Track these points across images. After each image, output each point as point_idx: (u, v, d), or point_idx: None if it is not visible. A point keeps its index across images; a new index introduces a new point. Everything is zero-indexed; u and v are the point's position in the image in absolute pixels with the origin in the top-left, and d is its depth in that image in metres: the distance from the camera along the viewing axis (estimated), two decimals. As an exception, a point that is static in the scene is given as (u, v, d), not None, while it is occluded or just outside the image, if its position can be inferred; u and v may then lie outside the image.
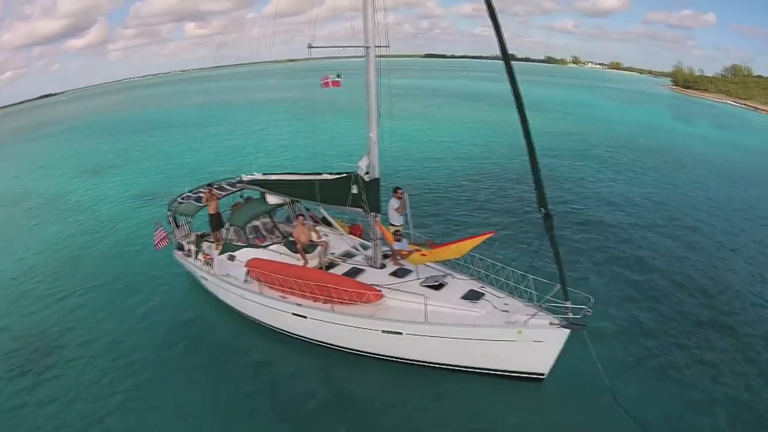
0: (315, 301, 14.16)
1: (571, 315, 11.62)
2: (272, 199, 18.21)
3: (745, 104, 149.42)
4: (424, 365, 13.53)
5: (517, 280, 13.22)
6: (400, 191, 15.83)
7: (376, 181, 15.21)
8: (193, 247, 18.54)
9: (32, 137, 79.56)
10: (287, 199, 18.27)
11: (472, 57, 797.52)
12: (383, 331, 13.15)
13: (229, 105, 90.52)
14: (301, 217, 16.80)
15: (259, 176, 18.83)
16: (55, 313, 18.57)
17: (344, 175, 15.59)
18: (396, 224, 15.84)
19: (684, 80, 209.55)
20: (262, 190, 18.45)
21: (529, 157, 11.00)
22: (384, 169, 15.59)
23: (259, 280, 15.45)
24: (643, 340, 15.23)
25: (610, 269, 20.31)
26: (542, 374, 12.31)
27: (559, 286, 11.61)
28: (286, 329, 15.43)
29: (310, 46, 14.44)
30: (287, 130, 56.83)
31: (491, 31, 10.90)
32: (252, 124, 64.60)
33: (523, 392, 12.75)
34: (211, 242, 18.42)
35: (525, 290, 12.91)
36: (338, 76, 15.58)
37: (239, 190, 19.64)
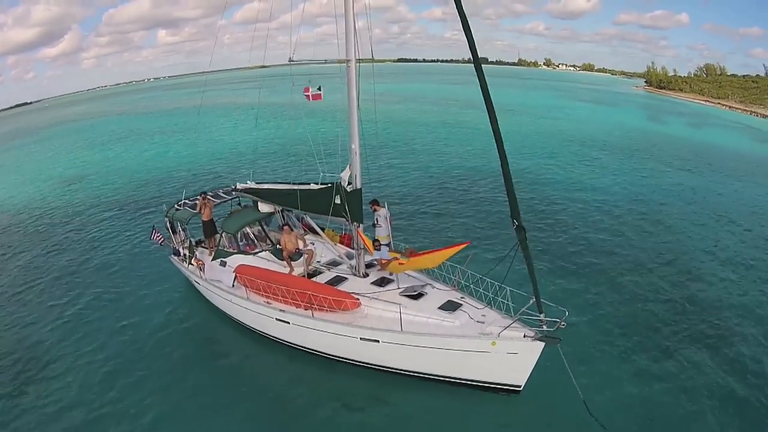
0: (297, 308, 14.40)
1: (545, 327, 11.73)
2: (264, 207, 18.69)
3: (719, 103, 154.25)
4: (401, 374, 13.66)
5: (496, 292, 13.28)
6: (376, 203, 16.28)
7: (358, 192, 15.58)
8: (187, 253, 18.89)
9: (23, 143, 78.49)
10: (278, 208, 18.70)
11: (443, 61, 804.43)
12: (361, 339, 13.35)
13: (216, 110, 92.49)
14: (287, 227, 17.21)
15: (252, 185, 19.32)
16: (55, 316, 19.05)
17: (328, 185, 15.89)
18: (382, 234, 16.08)
19: (658, 81, 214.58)
20: (254, 198, 18.96)
21: (502, 169, 11.29)
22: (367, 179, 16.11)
23: (246, 286, 15.90)
24: (616, 349, 15.52)
25: (585, 278, 20.63)
26: (518, 386, 12.44)
27: (533, 299, 11.82)
28: (270, 334, 15.81)
29: (290, 61, 15.04)
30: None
31: (462, 35, 11.39)
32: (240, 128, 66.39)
33: (499, 404, 12.90)
34: (205, 248, 18.91)
35: (502, 302, 12.98)
36: (319, 89, 16.05)
37: (234, 198, 20.14)
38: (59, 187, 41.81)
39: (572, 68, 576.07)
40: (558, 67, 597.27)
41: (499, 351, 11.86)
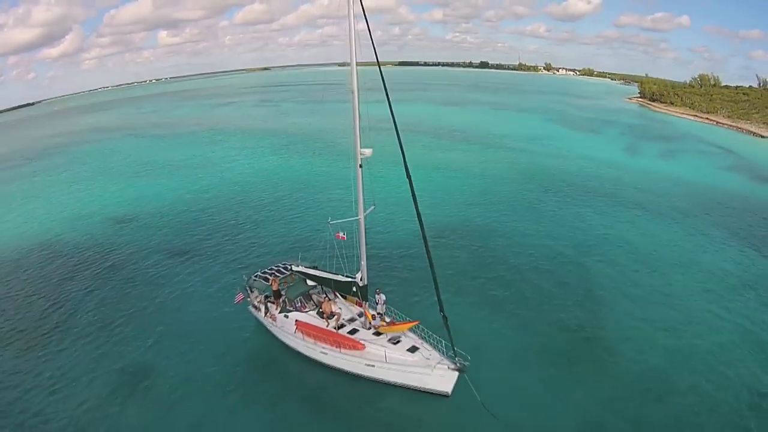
0: (332, 346, 24.74)
1: (459, 362, 21.72)
2: (310, 282, 29.15)
3: (707, 118, 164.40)
4: (387, 384, 23.66)
5: (438, 341, 23.58)
6: (378, 291, 26.75)
7: (365, 287, 27.06)
8: (262, 306, 29.19)
9: (47, 167, 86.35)
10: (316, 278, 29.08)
11: (444, 64, 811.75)
12: (365, 365, 23.78)
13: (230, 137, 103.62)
14: (326, 297, 28.35)
15: (302, 268, 29.33)
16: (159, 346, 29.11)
17: (351, 279, 26.51)
18: (378, 310, 26.43)
19: (651, 93, 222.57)
20: (304, 277, 29.23)
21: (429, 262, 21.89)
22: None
23: (303, 332, 26.23)
24: (503, 369, 25.42)
25: (491, 316, 30.85)
26: (448, 393, 22.39)
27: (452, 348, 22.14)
28: (317, 359, 26.07)
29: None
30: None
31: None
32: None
33: (438, 403, 22.81)
34: (272, 303, 28.84)
35: (440, 347, 23.29)
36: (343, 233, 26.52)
37: (290, 274, 29.90)
38: (110, 226, 50.79)
39: (572, 73, 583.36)
40: (558, 71, 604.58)
41: (436, 374, 21.93)
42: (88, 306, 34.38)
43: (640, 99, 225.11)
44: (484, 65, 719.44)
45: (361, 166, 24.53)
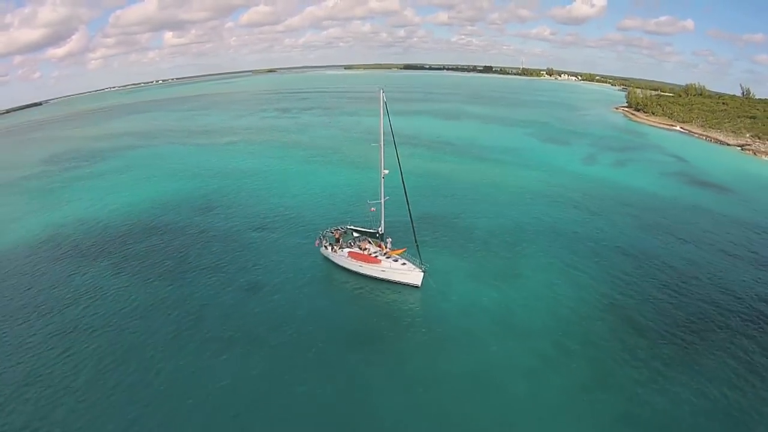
0: (366, 263, 48.92)
1: (423, 268, 46.29)
2: (355, 234, 53.31)
3: (682, 128, 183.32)
4: (389, 281, 47.64)
5: (414, 260, 47.60)
6: (387, 237, 50.89)
7: (383, 234, 51.87)
8: (329, 246, 52.71)
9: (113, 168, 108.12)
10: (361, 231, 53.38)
11: (449, 68, 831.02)
12: (380, 270, 48.07)
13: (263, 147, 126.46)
14: (364, 239, 52.47)
15: (351, 226, 54.06)
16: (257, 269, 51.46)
17: (375, 231, 51.42)
18: (387, 246, 50.69)
19: (636, 103, 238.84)
20: (352, 230, 53.65)
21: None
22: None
23: (351, 257, 50.09)
24: (455, 273, 48.79)
25: (443, 243, 54.29)
26: (418, 285, 46.58)
27: (420, 262, 46.50)
28: (357, 271, 49.93)
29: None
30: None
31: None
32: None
33: (412, 291, 46.66)
34: (339, 245, 52.54)
35: (416, 260, 47.31)
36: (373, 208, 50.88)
37: (345, 230, 54.30)
38: (199, 213, 73.92)
39: (573, 78, 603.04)
40: (560, 76, 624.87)
41: (412, 275, 46.46)
42: (212, 254, 58.14)
43: (625, 108, 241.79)
44: (488, 69, 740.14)
45: (383, 177, 49.44)
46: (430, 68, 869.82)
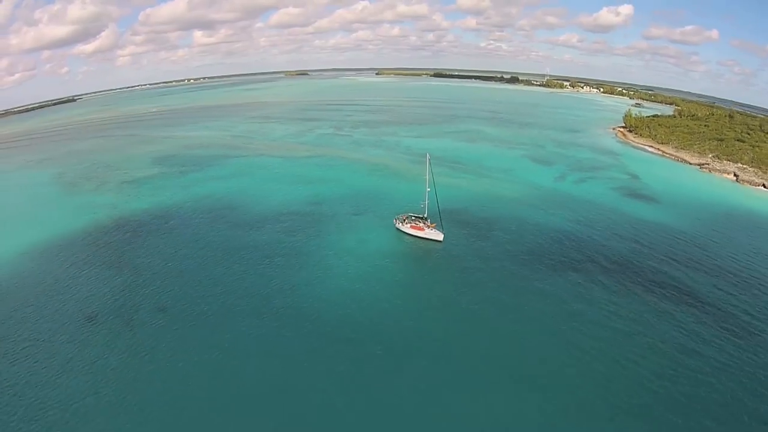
0: (417, 230, 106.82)
1: (443, 232, 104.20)
2: (412, 216, 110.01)
3: (658, 149, 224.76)
4: (429, 239, 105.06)
5: (440, 228, 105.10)
6: (425, 218, 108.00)
7: (427, 218, 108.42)
8: (400, 225, 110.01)
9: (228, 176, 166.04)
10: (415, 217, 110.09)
11: (478, 77, 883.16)
12: (425, 233, 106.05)
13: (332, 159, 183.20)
14: (417, 219, 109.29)
15: (410, 213, 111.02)
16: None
17: (423, 215, 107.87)
18: (428, 223, 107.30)
19: (630, 124, 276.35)
20: (411, 215, 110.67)
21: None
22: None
23: (411, 227, 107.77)
24: (472, 245, 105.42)
25: (457, 224, 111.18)
26: (441, 240, 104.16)
27: (442, 230, 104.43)
28: (411, 233, 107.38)
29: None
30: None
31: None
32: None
33: (438, 246, 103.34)
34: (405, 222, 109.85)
35: (441, 229, 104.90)
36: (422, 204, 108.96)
37: (408, 214, 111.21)
38: (308, 205, 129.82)
39: (595, 90, 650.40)
40: (582, 88, 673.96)
41: (439, 235, 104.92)
42: (335, 227, 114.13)
43: (621, 129, 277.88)
44: (514, 80, 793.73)
45: (428, 189, 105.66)
46: (459, 76, 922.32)
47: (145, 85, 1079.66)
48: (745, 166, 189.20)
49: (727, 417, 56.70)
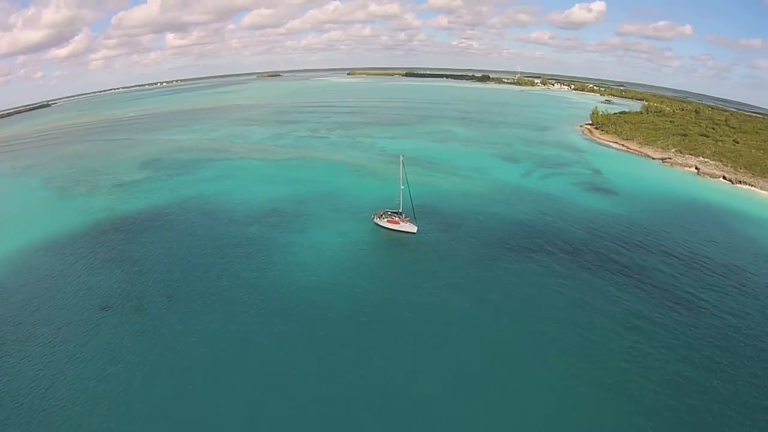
0: (391, 224, 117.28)
1: (417, 225, 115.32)
2: (389, 212, 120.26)
3: (623, 144, 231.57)
4: (404, 231, 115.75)
5: (414, 221, 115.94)
6: (401, 213, 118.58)
7: (402, 212, 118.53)
8: (377, 220, 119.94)
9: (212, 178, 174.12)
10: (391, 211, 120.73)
11: (449, 75, 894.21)
12: (400, 226, 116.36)
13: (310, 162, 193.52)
14: (393, 214, 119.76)
15: (387, 209, 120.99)
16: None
17: (399, 211, 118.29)
18: (404, 218, 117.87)
19: (597, 122, 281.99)
20: (387, 211, 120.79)
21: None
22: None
23: (389, 221, 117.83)
24: (442, 237, 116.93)
25: (429, 218, 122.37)
26: (415, 232, 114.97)
27: (416, 223, 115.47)
28: (387, 227, 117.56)
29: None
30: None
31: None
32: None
33: (411, 237, 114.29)
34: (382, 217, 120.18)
35: (414, 222, 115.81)
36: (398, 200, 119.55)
37: (385, 211, 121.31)
38: (293, 203, 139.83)
39: (566, 88, 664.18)
40: (553, 86, 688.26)
41: (413, 227, 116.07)
42: (326, 222, 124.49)
43: (588, 126, 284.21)
44: (485, 78, 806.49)
45: (402, 187, 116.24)
46: (431, 75, 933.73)
47: (119, 88, 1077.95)
48: (706, 159, 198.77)
49: (664, 377, 67.84)
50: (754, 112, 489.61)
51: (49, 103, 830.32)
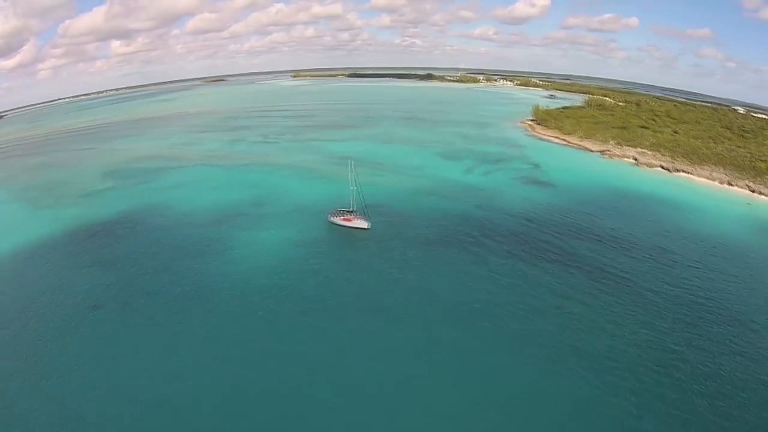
0: (346, 222, 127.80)
1: (369, 221, 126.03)
2: (342, 210, 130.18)
3: (564, 139, 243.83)
4: (357, 227, 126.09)
5: (366, 217, 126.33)
6: (353, 212, 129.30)
7: (354, 210, 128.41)
8: (333, 219, 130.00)
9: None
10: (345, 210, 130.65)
11: (393, 75, 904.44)
12: (354, 223, 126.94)
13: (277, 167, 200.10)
14: (347, 212, 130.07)
15: (340, 209, 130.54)
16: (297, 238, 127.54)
17: (351, 210, 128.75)
18: (356, 215, 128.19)
19: (538, 118, 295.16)
20: (341, 210, 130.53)
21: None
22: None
23: (344, 220, 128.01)
24: (393, 230, 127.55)
25: (380, 214, 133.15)
26: (367, 228, 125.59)
27: (368, 219, 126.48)
28: (342, 225, 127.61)
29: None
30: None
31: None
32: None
33: (365, 233, 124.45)
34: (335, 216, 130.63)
35: (367, 219, 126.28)
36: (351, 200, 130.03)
37: (339, 210, 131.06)
38: (254, 207, 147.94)
39: (510, 84, 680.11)
40: (497, 81, 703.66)
41: (365, 223, 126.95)
42: (280, 223, 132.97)
43: (530, 122, 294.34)
44: (428, 77, 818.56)
45: (353, 188, 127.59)
46: (375, 75, 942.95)
47: (67, 98, 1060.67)
48: (645, 150, 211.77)
49: (590, 339, 79.93)
50: (701, 101, 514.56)
51: (0, 115, 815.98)
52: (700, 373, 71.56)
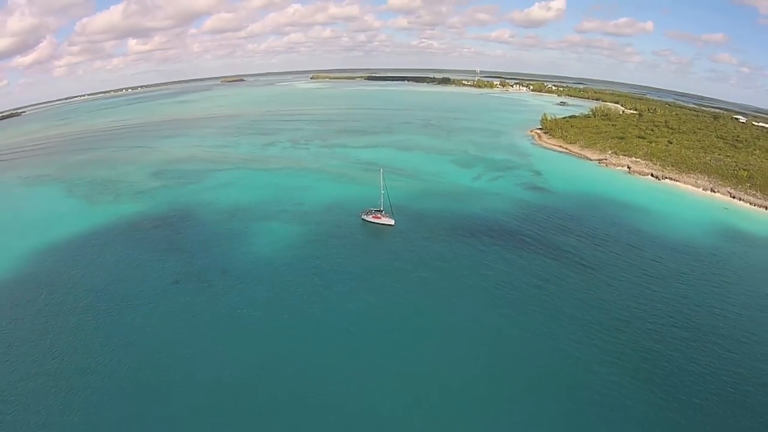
0: (376, 219, 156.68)
1: (395, 218, 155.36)
2: (373, 209, 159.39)
3: (567, 148, 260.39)
4: (384, 224, 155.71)
5: (392, 216, 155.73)
6: (381, 211, 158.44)
7: (383, 210, 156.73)
8: (365, 216, 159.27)
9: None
10: (374, 209, 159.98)
11: (410, 78, 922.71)
12: (383, 220, 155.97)
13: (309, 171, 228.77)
14: (376, 211, 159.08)
15: (371, 208, 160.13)
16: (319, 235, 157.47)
17: (380, 209, 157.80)
18: (385, 214, 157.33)
19: (546, 127, 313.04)
20: (371, 209, 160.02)
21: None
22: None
23: (374, 218, 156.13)
24: (413, 227, 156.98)
25: (403, 213, 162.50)
26: (393, 224, 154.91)
27: (393, 217, 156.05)
28: (372, 222, 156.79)
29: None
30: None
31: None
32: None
33: (390, 228, 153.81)
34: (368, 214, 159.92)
35: (393, 216, 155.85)
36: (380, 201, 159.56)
37: (369, 210, 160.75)
38: (290, 206, 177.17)
39: (525, 89, 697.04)
40: (512, 87, 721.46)
41: (390, 220, 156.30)
42: (322, 219, 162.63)
43: (538, 131, 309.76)
44: (445, 81, 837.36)
45: (383, 192, 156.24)
46: (392, 78, 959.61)
47: (84, 95, 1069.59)
48: (638, 159, 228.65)
49: (561, 315, 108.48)
50: (712, 106, 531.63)
51: (19, 111, 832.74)
52: (641, 334, 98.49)
